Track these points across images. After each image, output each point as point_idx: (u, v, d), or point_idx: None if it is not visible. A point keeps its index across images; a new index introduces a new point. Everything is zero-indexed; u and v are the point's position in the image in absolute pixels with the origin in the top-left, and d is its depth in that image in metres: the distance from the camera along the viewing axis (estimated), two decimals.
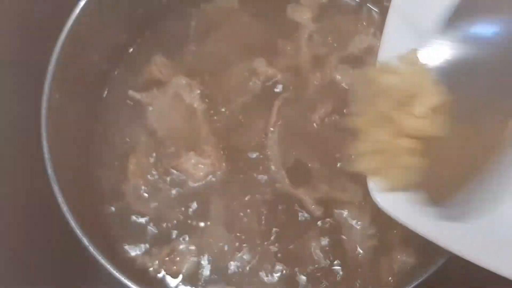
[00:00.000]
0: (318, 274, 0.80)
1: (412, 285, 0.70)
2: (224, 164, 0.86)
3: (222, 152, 0.86)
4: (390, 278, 0.79)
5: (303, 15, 0.95)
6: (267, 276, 0.80)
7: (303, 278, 0.80)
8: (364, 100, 0.64)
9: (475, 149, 0.63)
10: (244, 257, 0.81)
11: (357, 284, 0.80)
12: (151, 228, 0.83)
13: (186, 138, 0.87)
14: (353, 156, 0.65)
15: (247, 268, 0.80)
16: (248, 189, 0.85)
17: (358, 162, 0.64)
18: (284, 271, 0.80)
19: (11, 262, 0.88)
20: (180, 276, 0.80)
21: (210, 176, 0.85)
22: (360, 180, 0.83)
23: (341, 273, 0.80)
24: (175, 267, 0.80)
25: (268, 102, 0.89)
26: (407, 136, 0.61)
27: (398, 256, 0.80)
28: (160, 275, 0.80)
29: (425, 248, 0.80)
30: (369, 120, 0.63)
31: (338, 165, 0.85)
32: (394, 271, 0.80)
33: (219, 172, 0.85)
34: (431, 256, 0.78)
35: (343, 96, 0.88)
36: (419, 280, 0.70)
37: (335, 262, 0.81)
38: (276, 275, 0.80)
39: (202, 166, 0.85)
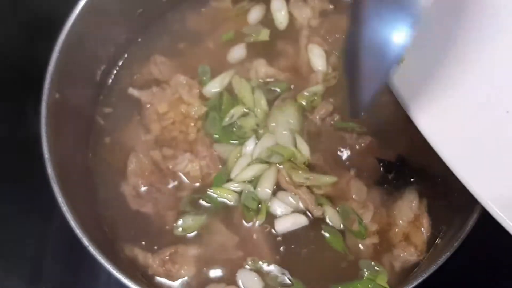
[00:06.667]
0: (319, 271, 0.80)
1: (413, 285, 0.70)
2: (221, 165, 0.86)
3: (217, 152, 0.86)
4: (391, 276, 0.79)
5: (303, 13, 0.95)
6: (268, 274, 0.80)
7: (304, 275, 0.80)
8: None
9: None
10: (244, 256, 0.81)
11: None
12: (151, 228, 0.83)
13: (183, 138, 0.87)
14: None
15: (247, 267, 0.80)
16: None
17: None
18: (286, 269, 0.80)
19: (12, 262, 0.88)
20: (180, 276, 0.80)
21: (208, 176, 0.85)
22: (362, 178, 0.83)
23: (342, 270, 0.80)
24: (175, 267, 0.80)
25: (269, 102, 0.88)
26: None
27: (400, 255, 0.80)
28: (159, 275, 0.80)
29: (427, 247, 0.81)
30: None
31: (340, 163, 0.85)
32: (395, 269, 0.80)
33: (215, 173, 0.85)
34: (433, 255, 0.78)
35: (343, 96, 0.88)
36: (419, 280, 0.70)
37: (336, 259, 0.80)
38: (277, 273, 0.80)
39: (198, 167, 0.85)
